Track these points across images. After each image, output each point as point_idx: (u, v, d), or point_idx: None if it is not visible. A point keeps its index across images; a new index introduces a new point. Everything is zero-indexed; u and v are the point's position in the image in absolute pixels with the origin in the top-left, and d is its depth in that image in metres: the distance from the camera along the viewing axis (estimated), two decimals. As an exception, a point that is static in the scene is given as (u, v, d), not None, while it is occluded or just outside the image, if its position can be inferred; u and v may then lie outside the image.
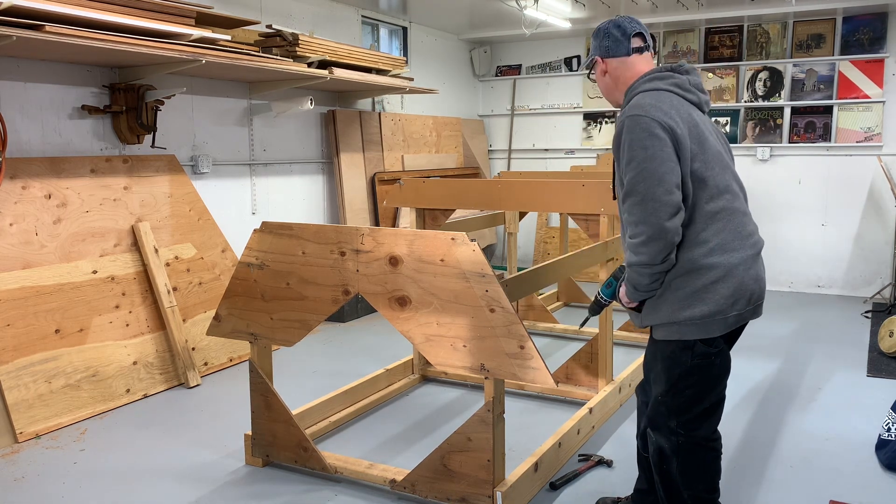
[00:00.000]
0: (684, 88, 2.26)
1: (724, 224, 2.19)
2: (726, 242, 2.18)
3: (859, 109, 6.48)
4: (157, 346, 4.17)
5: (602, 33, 2.35)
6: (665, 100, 2.19)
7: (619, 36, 2.32)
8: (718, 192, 2.19)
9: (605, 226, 3.82)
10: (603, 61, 2.35)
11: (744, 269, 2.19)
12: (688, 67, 2.32)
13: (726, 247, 2.18)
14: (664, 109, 2.15)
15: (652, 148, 2.10)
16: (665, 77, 2.27)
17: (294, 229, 2.91)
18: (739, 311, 2.20)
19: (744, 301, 2.20)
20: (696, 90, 2.29)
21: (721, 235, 2.18)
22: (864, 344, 5.01)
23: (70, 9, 3.36)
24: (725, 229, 2.19)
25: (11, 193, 3.65)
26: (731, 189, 2.23)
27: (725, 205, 2.19)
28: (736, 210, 2.22)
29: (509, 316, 2.50)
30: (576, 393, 3.90)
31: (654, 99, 2.18)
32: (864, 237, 6.57)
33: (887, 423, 3.19)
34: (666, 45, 7.25)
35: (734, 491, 2.93)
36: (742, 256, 2.19)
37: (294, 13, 5.55)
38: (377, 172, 6.20)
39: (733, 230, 2.20)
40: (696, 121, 2.21)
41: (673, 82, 2.26)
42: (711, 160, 2.19)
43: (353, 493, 2.91)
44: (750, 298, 2.21)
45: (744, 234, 2.22)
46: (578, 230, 7.48)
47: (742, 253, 2.20)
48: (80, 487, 2.97)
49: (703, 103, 2.31)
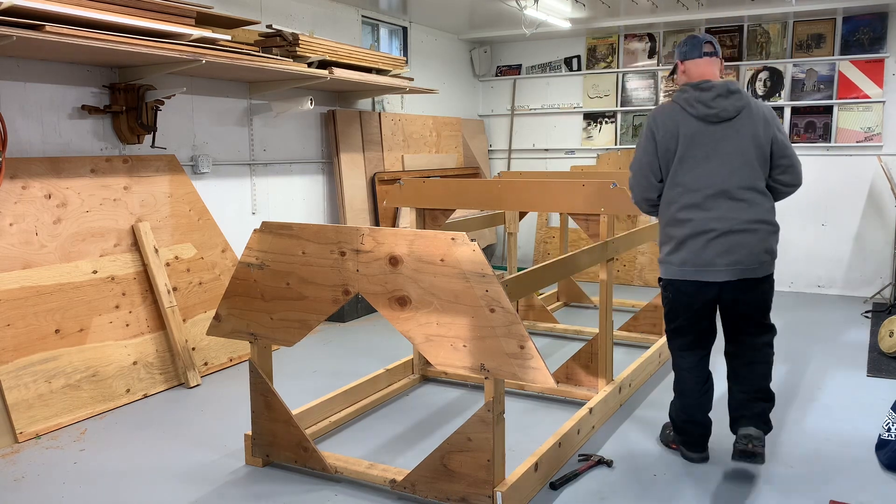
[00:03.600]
0: (688, 104, 2.98)
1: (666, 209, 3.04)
2: (670, 218, 3.02)
3: (859, 109, 6.48)
4: (157, 346, 4.17)
5: (681, 43, 3.15)
6: (665, 110, 3.05)
7: (692, 45, 3.09)
8: (673, 185, 3.00)
9: (605, 226, 3.82)
10: (682, 64, 3.12)
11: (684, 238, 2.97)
12: (707, 86, 2.97)
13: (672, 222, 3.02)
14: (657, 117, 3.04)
15: (643, 141, 3.07)
16: (683, 91, 3.03)
17: (294, 229, 2.91)
18: (677, 267, 2.99)
19: (678, 259, 2.98)
20: (699, 105, 2.95)
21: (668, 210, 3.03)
22: (864, 344, 5.01)
23: (70, 9, 3.36)
24: (670, 207, 3.02)
25: (11, 193, 3.66)
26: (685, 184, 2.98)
27: (672, 195, 3.00)
28: (679, 199, 2.99)
29: (509, 316, 2.50)
30: (576, 393, 3.90)
31: (662, 108, 3.08)
32: (864, 237, 6.57)
33: (887, 423, 3.19)
34: (666, 45, 7.25)
35: (734, 491, 2.93)
36: (679, 231, 2.97)
37: (294, 13, 5.55)
38: (377, 172, 6.20)
39: (674, 210, 3.01)
40: (675, 130, 2.98)
41: (684, 98, 3.00)
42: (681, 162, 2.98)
43: (353, 493, 2.91)
44: (685, 261, 2.96)
45: (684, 215, 2.97)
46: (578, 230, 7.48)
47: (680, 228, 2.97)
48: (80, 487, 2.97)
49: (706, 117, 2.95)
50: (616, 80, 7.50)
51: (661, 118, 3.01)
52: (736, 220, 2.92)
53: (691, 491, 2.93)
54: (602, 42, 7.54)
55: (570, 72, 7.75)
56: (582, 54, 7.67)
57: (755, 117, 2.95)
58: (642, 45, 7.36)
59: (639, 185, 3.09)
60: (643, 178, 3.06)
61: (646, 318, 5.04)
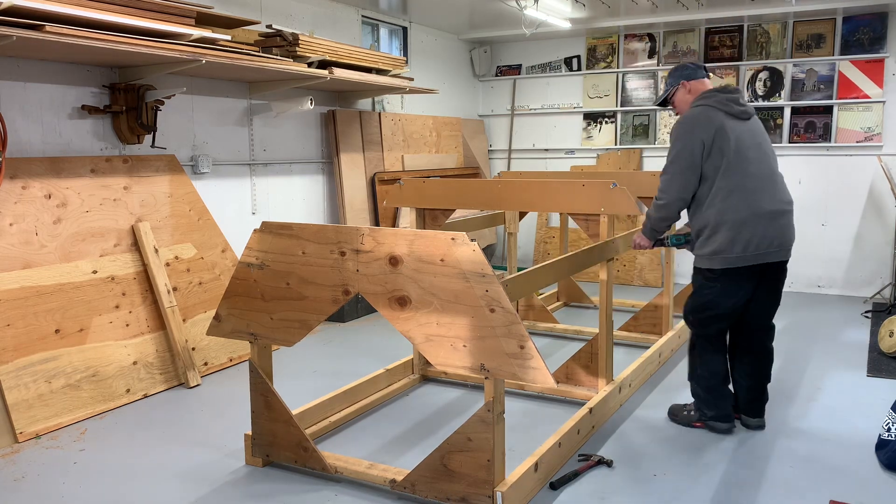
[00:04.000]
0: (722, 103, 3.31)
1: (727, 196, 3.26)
2: (727, 209, 3.25)
3: (859, 109, 6.48)
4: (157, 346, 4.17)
5: (681, 67, 3.54)
6: (704, 112, 3.32)
7: (695, 68, 3.51)
8: (727, 176, 3.26)
9: (605, 226, 3.82)
10: (686, 83, 3.49)
11: (740, 226, 3.22)
12: (731, 88, 3.38)
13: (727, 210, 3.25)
14: (700, 118, 3.30)
15: (686, 142, 3.29)
16: (710, 96, 3.37)
17: (294, 229, 2.91)
18: (739, 254, 3.23)
19: (740, 246, 3.22)
20: (732, 105, 3.31)
21: (724, 203, 3.26)
22: (864, 344, 5.01)
23: (70, 9, 3.36)
24: (724, 200, 3.26)
25: (11, 193, 3.66)
26: (744, 170, 3.26)
27: (730, 184, 3.25)
28: (739, 187, 3.24)
29: (509, 316, 2.50)
30: (576, 393, 3.90)
31: (699, 111, 3.34)
32: (864, 237, 6.57)
33: (887, 423, 3.19)
34: (666, 45, 7.25)
35: (734, 491, 2.93)
36: (736, 218, 3.22)
37: (294, 13, 5.55)
38: (377, 172, 6.20)
39: (731, 201, 3.25)
40: (721, 128, 3.26)
41: (715, 100, 3.33)
42: (730, 156, 3.26)
43: (353, 493, 2.91)
44: (747, 246, 3.22)
45: (742, 204, 3.23)
46: (578, 230, 7.49)
47: (737, 215, 3.22)
48: (80, 487, 2.97)
49: (738, 115, 3.31)
50: (616, 80, 7.50)
51: (701, 122, 3.27)
52: (783, 203, 3.31)
53: (691, 491, 2.93)
54: (602, 42, 7.54)
55: (570, 72, 7.75)
56: (582, 54, 7.67)
57: (757, 119, 3.45)
58: (642, 45, 7.36)
59: (679, 184, 3.30)
60: (685, 179, 3.29)
61: (646, 318, 5.04)
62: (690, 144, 3.25)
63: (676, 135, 3.31)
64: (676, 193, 3.31)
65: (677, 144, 3.30)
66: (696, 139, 3.24)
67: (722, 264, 3.24)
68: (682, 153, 3.27)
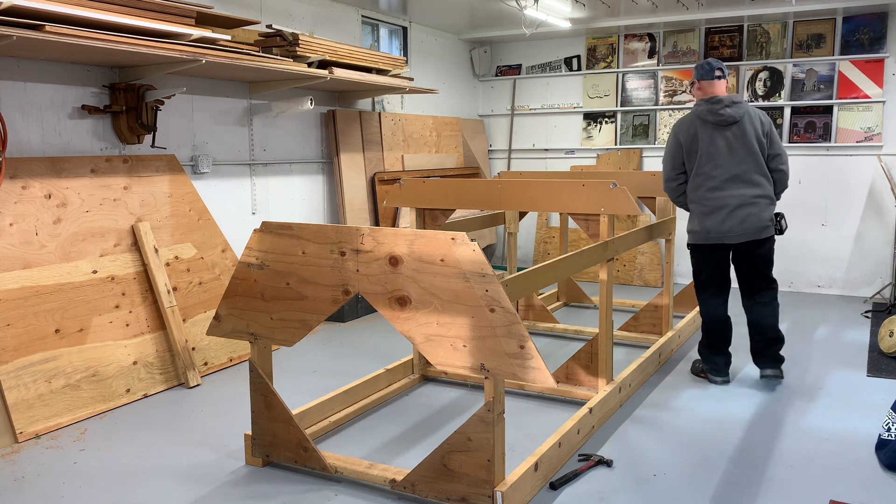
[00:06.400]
0: (702, 115, 4.04)
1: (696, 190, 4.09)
2: (694, 200, 4.10)
3: (859, 109, 6.48)
4: (157, 346, 4.17)
5: (699, 66, 4.15)
6: (687, 119, 4.13)
7: (709, 69, 4.10)
8: (698, 174, 4.07)
9: (605, 226, 3.82)
10: (698, 82, 4.14)
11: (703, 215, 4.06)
12: (715, 100, 4.00)
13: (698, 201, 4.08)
14: (680, 126, 4.13)
15: (668, 145, 4.18)
16: (700, 104, 4.07)
17: (294, 229, 2.91)
18: (704, 236, 4.05)
19: (705, 230, 4.04)
20: (711, 115, 3.99)
21: (695, 194, 4.09)
22: (864, 344, 5.01)
23: (70, 9, 3.36)
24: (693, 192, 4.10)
25: (11, 193, 3.66)
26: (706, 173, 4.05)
27: (698, 181, 4.07)
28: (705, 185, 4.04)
29: (509, 316, 2.50)
30: (576, 393, 3.90)
31: (684, 118, 4.16)
32: (864, 237, 6.57)
33: (887, 423, 3.19)
34: (666, 45, 7.25)
35: (734, 491, 2.93)
36: (701, 209, 4.05)
37: (294, 13, 5.55)
38: (377, 172, 6.20)
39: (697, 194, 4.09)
40: (695, 134, 4.04)
41: (699, 110, 4.06)
42: (700, 157, 4.05)
43: (353, 493, 2.91)
44: (709, 231, 4.02)
45: (704, 198, 4.04)
46: (578, 230, 7.49)
47: (701, 207, 4.05)
48: (80, 487, 2.98)
49: (717, 123, 4.00)
50: (616, 80, 7.50)
51: (683, 127, 4.09)
52: (745, 197, 3.98)
53: (691, 491, 2.93)
54: (602, 42, 7.54)
55: (570, 72, 7.75)
56: (582, 54, 7.67)
57: (753, 120, 4.02)
58: (642, 45, 7.36)
59: (666, 173, 4.19)
60: (671, 170, 4.16)
61: (646, 318, 5.04)
62: (672, 144, 4.13)
63: (670, 133, 4.18)
64: (665, 182, 4.21)
65: (668, 142, 4.18)
66: (675, 141, 4.12)
67: (693, 240, 4.15)
68: (667, 150, 4.18)
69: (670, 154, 4.14)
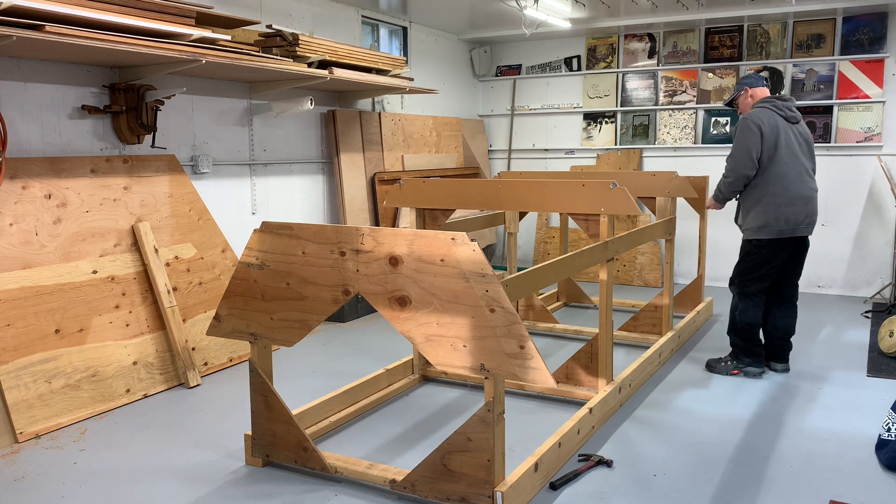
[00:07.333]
0: (778, 108, 4.21)
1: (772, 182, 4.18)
2: (773, 192, 4.16)
3: (859, 109, 6.48)
4: (157, 346, 4.17)
5: (746, 77, 4.48)
6: (764, 112, 4.21)
7: (757, 77, 4.43)
8: (775, 165, 4.16)
9: (605, 226, 3.82)
10: (749, 90, 4.40)
11: (781, 206, 4.15)
12: (786, 97, 4.29)
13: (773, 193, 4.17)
14: (761, 117, 4.18)
15: (748, 135, 4.17)
16: (769, 101, 4.24)
17: (294, 229, 2.91)
18: (782, 227, 4.15)
19: (782, 221, 4.14)
20: (785, 110, 4.20)
21: (771, 186, 4.17)
22: (864, 344, 5.01)
23: (70, 9, 3.36)
24: (771, 185, 4.17)
25: (11, 193, 3.66)
26: (786, 163, 4.17)
27: (776, 172, 4.16)
28: (782, 175, 4.16)
29: (509, 316, 2.50)
30: (576, 393, 3.90)
31: (760, 111, 4.22)
32: (864, 237, 6.57)
33: (887, 423, 3.20)
34: (666, 45, 7.25)
35: (735, 491, 2.93)
36: (780, 200, 4.14)
37: (294, 13, 5.55)
38: (377, 172, 6.20)
39: (776, 186, 4.16)
40: (776, 125, 4.15)
41: (773, 105, 4.22)
42: (780, 149, 4.16)
43: (353, 493, 2.91)
44: (787, 221, 4.13)
45: (784, 188, 4.15)
46: (578, 230, 7.49)
47: (780, 198, 4.14)
48: (80, 487, 2.98)
49: (789, 118, 4.21)
50: (616, 80, 7.50)
51: (765, 118, 4.15)
52: (813, 191, 4.23)
53: (691, 491, 2.93)
54: (602, 42, 7.54)
55: (570, 72, 7.75)
56: (582, 54, 7.67)
57: (803, 123, 4.31)
58: (642, 45, 7.36)
59: (743, 165, 4.16)
60: (748, 160, 4.14)
61: (646, 318, 5.04)
62: (751, 135, 4.12)
63: (742, 128, 4.16)
64: (742, 171, 4.15)
65: (743, 134, 4.15)
66: (755, 131, 4.11)
67: (768, 235, 4.15)
68: (746, 139, 4.13)
69: (752, 143, 4.13)
